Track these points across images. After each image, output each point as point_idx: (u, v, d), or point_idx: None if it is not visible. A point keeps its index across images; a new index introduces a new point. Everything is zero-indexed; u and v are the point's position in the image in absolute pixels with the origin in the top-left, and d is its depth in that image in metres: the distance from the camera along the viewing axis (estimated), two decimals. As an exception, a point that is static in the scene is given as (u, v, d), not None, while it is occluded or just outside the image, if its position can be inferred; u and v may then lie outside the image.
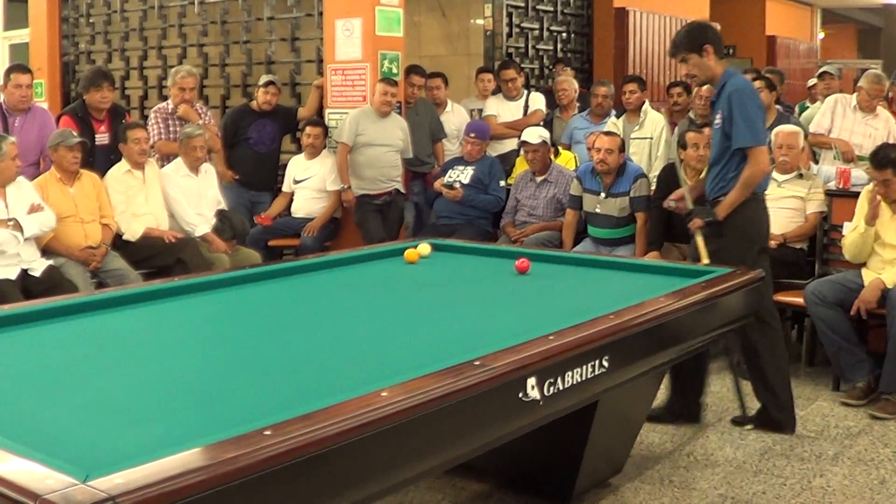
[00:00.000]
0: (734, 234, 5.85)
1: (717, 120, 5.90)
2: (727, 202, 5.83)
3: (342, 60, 9.46)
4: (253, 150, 9.43)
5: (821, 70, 10.13)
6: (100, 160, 8.28)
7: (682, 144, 7.80)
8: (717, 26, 14.26)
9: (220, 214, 8.28)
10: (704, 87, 9.28)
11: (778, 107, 9.06)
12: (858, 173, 7.70)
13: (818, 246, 7.50)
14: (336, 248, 8.73)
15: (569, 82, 10.26)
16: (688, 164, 7.70)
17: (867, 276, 6.69)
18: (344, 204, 9.10)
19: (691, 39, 5.95)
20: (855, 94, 8.67)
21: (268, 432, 2.55)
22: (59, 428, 2.78)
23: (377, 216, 8.91)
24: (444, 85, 9.95)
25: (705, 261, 5.71)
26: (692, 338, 4.59)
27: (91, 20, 12.13)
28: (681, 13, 13.92)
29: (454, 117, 9.95)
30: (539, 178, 8.45)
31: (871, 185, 6.74)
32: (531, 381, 3.31)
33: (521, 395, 3.28)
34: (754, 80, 9.00)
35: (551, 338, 3.52)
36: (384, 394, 2.87)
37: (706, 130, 7.76)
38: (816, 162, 8.67)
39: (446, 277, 5.31)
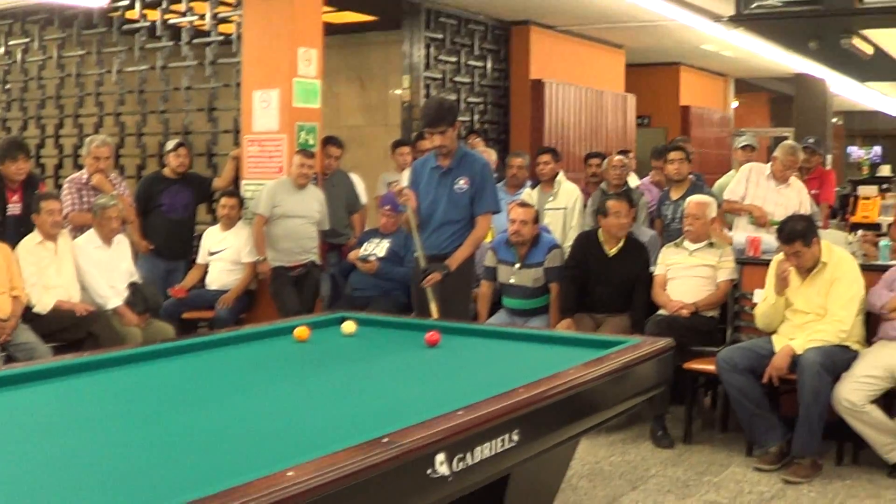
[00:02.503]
0: (460, 282, 7.06)
1: (462, 184, 7.00)
2: (461, 256, 7.00)
3: (259, 131, 9.49)
4: (166, 218, 9.39)
5: (744, 143, 10.26)
6: (10, 230, 8.17)
7: (602, 212, 7.91)
8: (634, 97, 14.62)
9: (133, 287, 8.20)
10: (617, 157, 9.44)
11: (691, 176, 9.20)
12: (769, 240, 7.84)
13: (729, 313, 7.61)
14: (251, 321, 8.72)
15: (489, 152, 10.36)
16: (608, 231, 7.85)
17: (778, 342, 6.80)
18: (259, 276, 9.08)
19: (451, 114, 6.99)
20: (769, 164, 8.82)
21: (171, 515, 2.53)
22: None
23: (293, 288, 8.89)
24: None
25: (436, 315, 6.57)
26: (604, 408, 4.60)
27: (7, 87, 12.07)
28: (597, 84, 14.17)
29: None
30: (455, 249, 8.51)
31: (781, 254, 6.87)
32: (440, 457, 3.30)
33: (429, 471, 3.27)
34: (673, 149, 9.20)
35: (460, 413, 3.53)
36: (290, 473, 2.85)
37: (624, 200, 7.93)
38: (729, 229, 8.80)
39: (359, 351, 5.30)
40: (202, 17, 10.33)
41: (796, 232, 6.70)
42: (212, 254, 9.33)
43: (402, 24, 11.97)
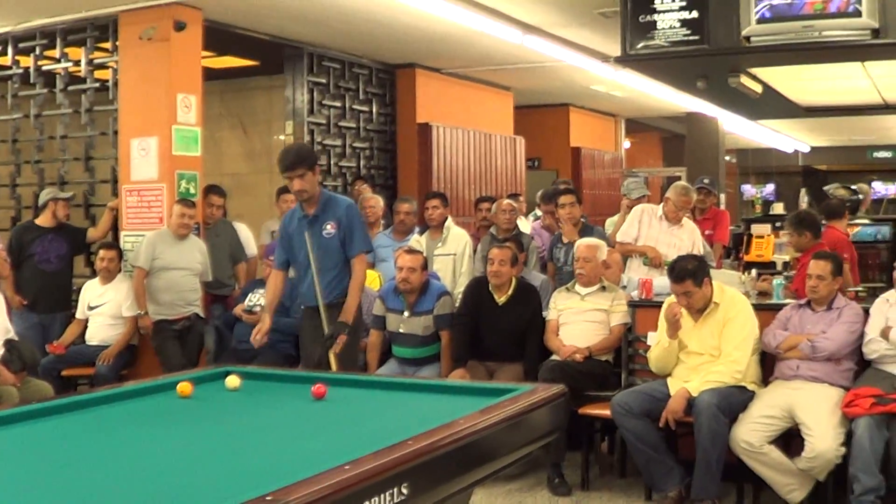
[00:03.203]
0: (354, 329, 7.09)
1: (330, 229, 7.04)
2: (351, 307, 7.07)
3: (138, 181, 9.42)
4: (39, 269, 9.28)
5: (640, 194, 10.21)
6: None
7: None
8: (523, 139, 14.76)
9: (9, 344, 8.03)
10: (506, 201, 9.50)
11: (582, 219, 9.30)
12: (661, 283, 7.93)
13: (623, 357, 7.69)
14: (133, 377, 8.61)
15: (376, 199, 10.37)
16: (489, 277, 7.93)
17: (673, 384, 6.88)
18: (141, 330, 8.98)
19: (310, 158, 7.04)
20: (661, 205, 8.95)
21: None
22: None
23: (176, 342, 8.82)
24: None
25: (335, 368, 6.69)
26: (497, 457, 4.61)
27: None
28: (485, 127, 14.29)
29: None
30: (342, 299, 8.50)
31: (672, 297, 6.97)
32: (327, 513, 3.29)
33: (316, 528, 3.26)
34: (564, 192, 9.28)
35: (347, 467, 3.52)
36: (171, 536, 2.83)
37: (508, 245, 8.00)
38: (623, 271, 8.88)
39: (244, 406, 5.26)
40: (77, 63, 10.23)
41: (687, 271, 6.82)
42: (91, 308, 9.21)
43: (284, 68, 11.99)
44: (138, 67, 9.52)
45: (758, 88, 10.44)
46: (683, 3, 8.47)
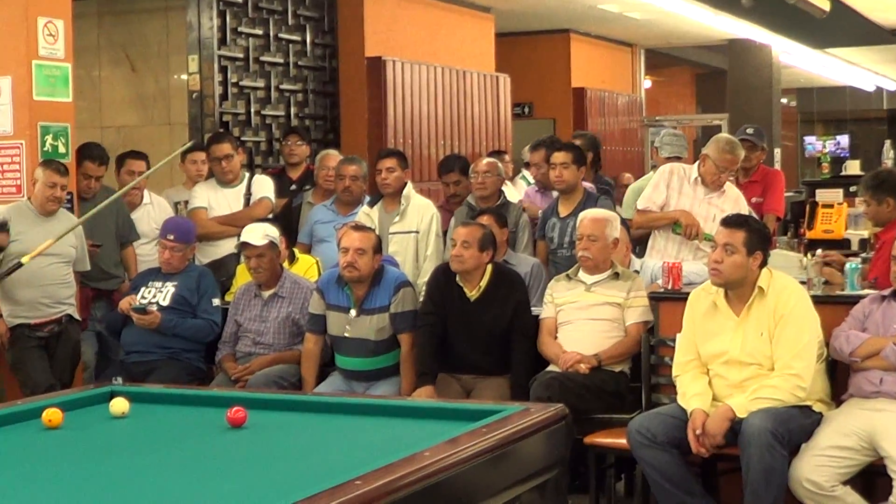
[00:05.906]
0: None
1: None
2: None
3: (-15, 136, 9.37)
4: None
5: (669, 154, 10.01)
6: None
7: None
8: (508, 78, 14.74)
9: None
10: (486, 161, 9.51)
11: (588, 185, 9.26)
12: (693, 268, 7.91)
13: (644, 367, 7.63)
14: (-17, 403, 8.59)
15: (336, 157, 10.34)
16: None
17: (699, 403, 6.73)
18: (-7, 339, 8.97)
19: None
20: (696, 165, 8.80)
21: None
22: None
23: (41, 354, 8.74)
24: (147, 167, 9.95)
25: None
26: (476, 502, 4.64)
27: None
28: (458, 62, 14.28)
29: (155, 212, 9.95)
30: (266, 293, 8.49)
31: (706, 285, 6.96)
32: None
33: None
34: (562, 147, 9.24)
35: (274, 517, 3.54)
36: None
37: (485, 218, 8.00)
38: (639, 254, 8.87)
39: (134, 438, 5.27)
40: None
41: (748, 224, 6.80)
42: (-77, 312, 9.18)
43: (184, -18, 11.96)
44: (-17, -17, 9.48)
45: (825, 5, 10.44)
46: None
